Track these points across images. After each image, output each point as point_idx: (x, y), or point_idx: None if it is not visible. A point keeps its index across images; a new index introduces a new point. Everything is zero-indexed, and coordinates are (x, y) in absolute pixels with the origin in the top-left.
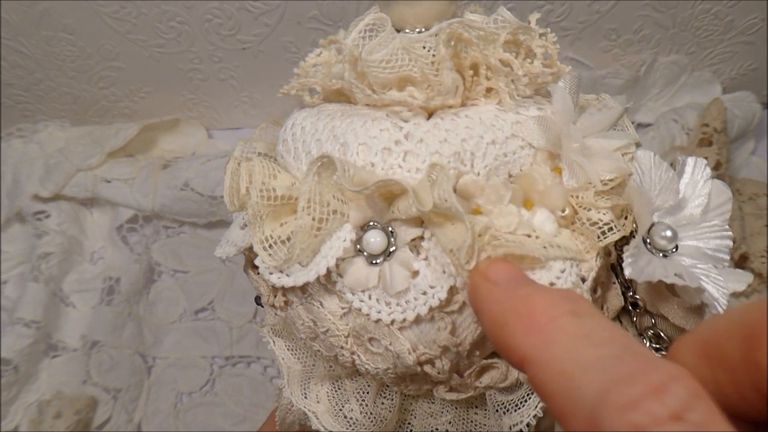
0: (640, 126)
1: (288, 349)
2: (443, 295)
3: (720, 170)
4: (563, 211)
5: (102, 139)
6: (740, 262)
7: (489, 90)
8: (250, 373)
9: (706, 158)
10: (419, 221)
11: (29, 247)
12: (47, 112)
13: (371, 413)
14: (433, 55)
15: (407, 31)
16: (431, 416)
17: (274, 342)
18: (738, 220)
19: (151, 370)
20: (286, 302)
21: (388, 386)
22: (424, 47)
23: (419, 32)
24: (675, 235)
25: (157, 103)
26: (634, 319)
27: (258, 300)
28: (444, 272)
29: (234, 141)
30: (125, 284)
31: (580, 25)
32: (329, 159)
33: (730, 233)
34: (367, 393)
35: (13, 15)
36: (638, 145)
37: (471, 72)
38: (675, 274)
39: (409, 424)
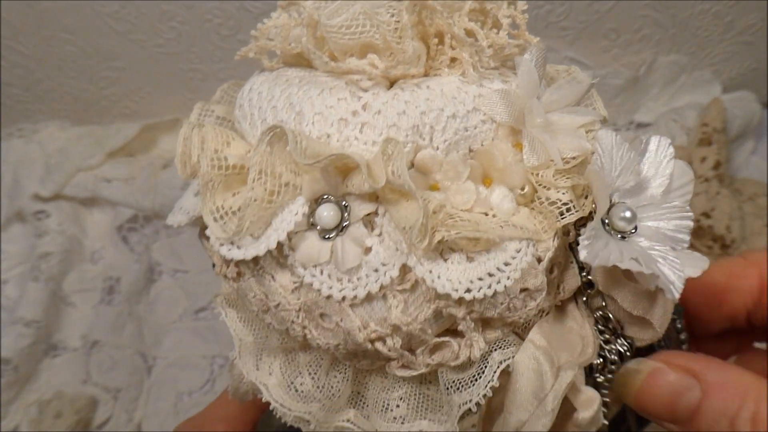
0: (639, 126)
1: (240, 321)
2: (395, 273)
3: (719, 170)
4: (522, 189)
5: (102, 139)
6: None
7: (453, 60)
8: None
9: (705, 158)
10: (374, 196)
11: (29, 246)
12: (47, 112)
13: (323, 386)
14: (396, 22)
15: None
16: (384, 390)
17: (225, 313)
18: (738, 220)
19: (151, 370)
20: (238, 273)
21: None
22: (387, 12)
23: None
24: (634, 216)
25: (157, 103)
26: (585, 299)
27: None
28: (397, 250)
29: None
30: (125, 284)
31: (580, 24)
32: (281, 130)
33: (690, 214)
34: (320, 366)
35: (13, 15)
36: (604, 121)
37: (436, 40)
38: (631, 258)
39: (362, 397)
